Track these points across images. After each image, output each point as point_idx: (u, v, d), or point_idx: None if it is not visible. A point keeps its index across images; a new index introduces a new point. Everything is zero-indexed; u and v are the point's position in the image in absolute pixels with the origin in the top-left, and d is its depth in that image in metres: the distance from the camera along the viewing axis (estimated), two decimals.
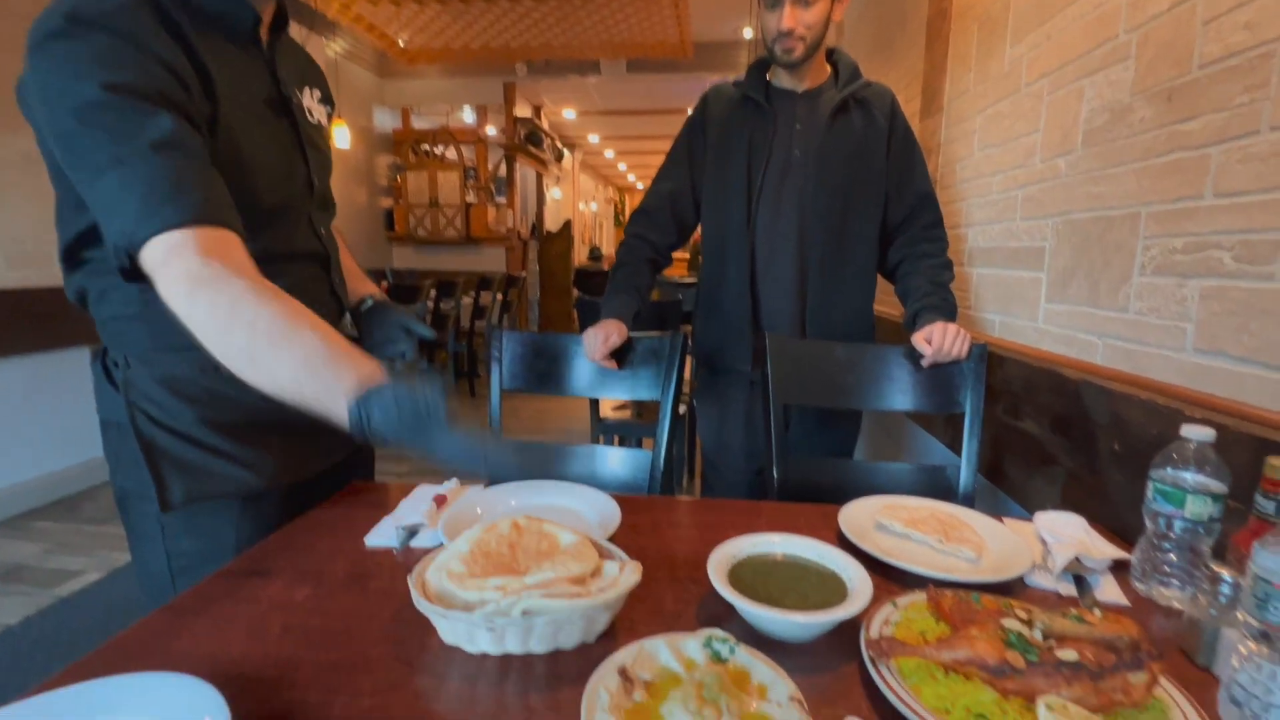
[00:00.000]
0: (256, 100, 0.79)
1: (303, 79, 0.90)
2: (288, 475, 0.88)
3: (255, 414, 0.82)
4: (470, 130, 6.61)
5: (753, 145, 1.28)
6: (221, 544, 0.84)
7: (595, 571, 0.63)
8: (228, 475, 0.82)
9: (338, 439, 0.88)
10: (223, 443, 0.82)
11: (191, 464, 0.81)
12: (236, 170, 0.73)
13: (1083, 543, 0.77)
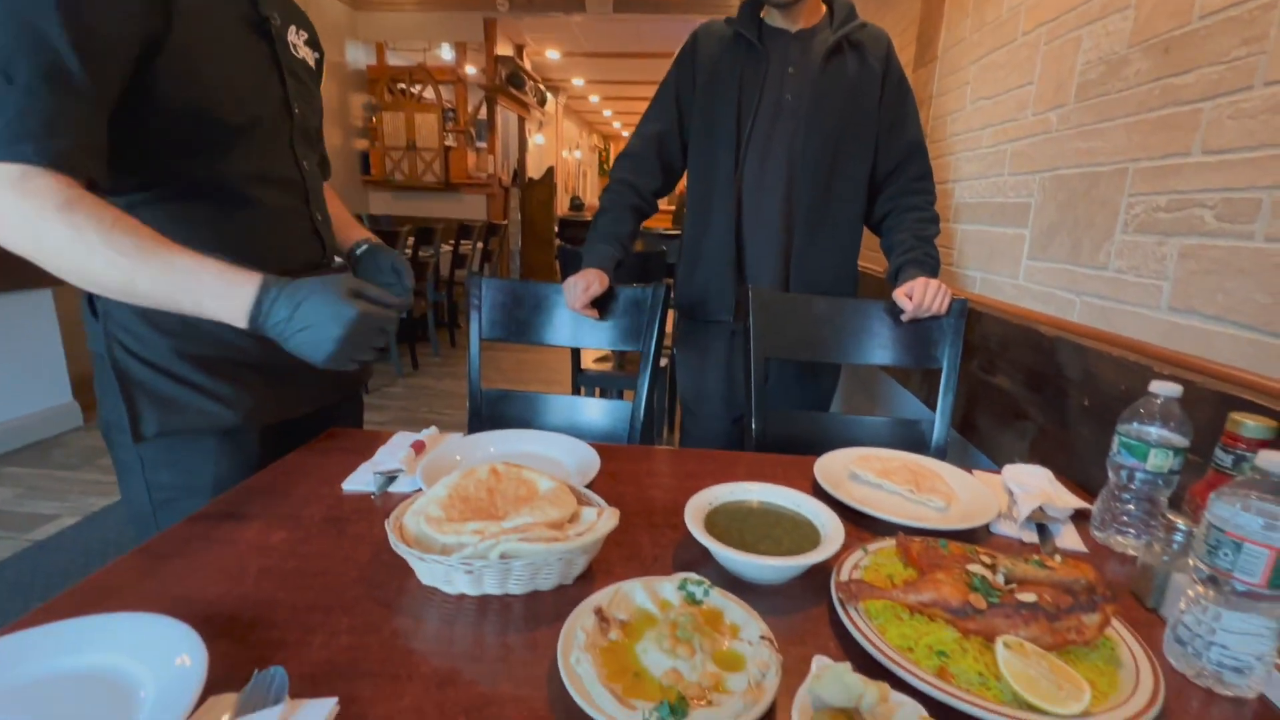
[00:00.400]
0: (230, 18, 0.79)
1: (288, 16, 0.89)
2: (266, 414, 0.87)
3: (232, 350, 0.83)
4: (449, 69, 6.31)
5: (744, 87, 1.24)
6: (199, 479, 0.84)
7: (573, 517, 0.63)
8: (202, 409, 0.82)
9: (321, 384, 0.91)
10: (198, 376, 0.82)
11: (166, 396, 0.81)
12: (197, 84, 0.74)
13: (1047, 493, 0.79)
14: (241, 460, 0.86)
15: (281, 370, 0.85)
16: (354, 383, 1.05)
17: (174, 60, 0.71)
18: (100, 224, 0.64)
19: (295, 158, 0.88)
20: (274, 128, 0.84)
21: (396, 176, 6.12)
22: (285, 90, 0.85)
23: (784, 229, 1.27)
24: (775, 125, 1.25)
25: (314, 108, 0.94)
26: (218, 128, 0.77)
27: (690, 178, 1.34)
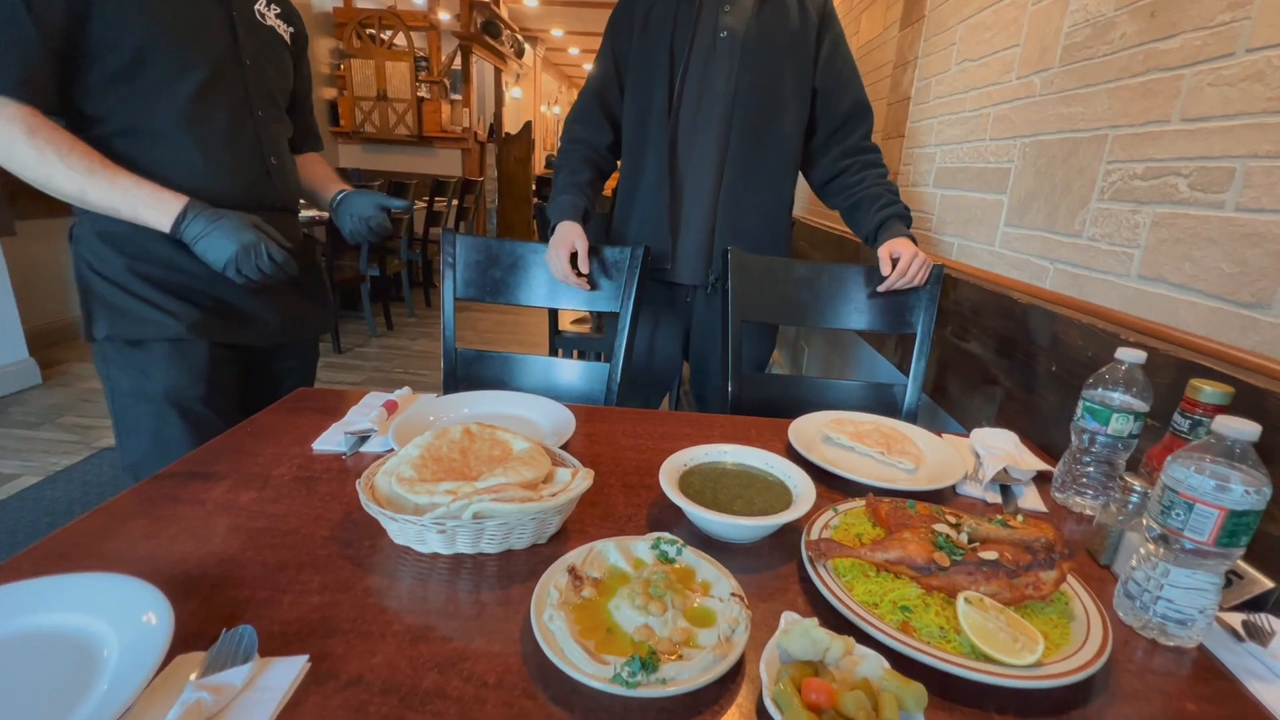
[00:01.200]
0: None
1: None
2: (211, 332, 0.96)
3: (182, 274, 0.93)
4: (421, 14, 6.01)
5: (678, 24, 1.22)
6: (151, 384, 0.94)
7: (548, 478, 0.63)
8: (147, 318, 0.92)
9: (270, 320, 1.01)
10: (147, 290, 0.92)
11: (118, 306, 0.92)
12: (142, 28, 0.85)
13: (1012, 456, 0.82)
14: (190, 369, 0.95)
15: (228, 298, 0.97)
16: (304, 328, 1.12)
17: (122, 7, 0.83)
18: (59, 148, 0.81)
19: (250, 107, 0.97)
20: (220, 75, 0.93)
21: (367, 128, 5.88)
22: (236, 43, 0.94)
23: (717, 172, 1.25)
24: (710, 65, 1.22)
25: (279, 70, 1.03)
26: (160, 67, 0.87)
27: (626, 117, 1.30)
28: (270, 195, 1.01)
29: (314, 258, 1.16)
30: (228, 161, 0.94)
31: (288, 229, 1.05)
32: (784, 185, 1.30)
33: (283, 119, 1.06)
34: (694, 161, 1.25)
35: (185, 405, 0.94)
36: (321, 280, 1.17)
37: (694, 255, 1.30)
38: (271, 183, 1.01)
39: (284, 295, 1.04)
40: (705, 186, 1.26)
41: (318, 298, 1.14)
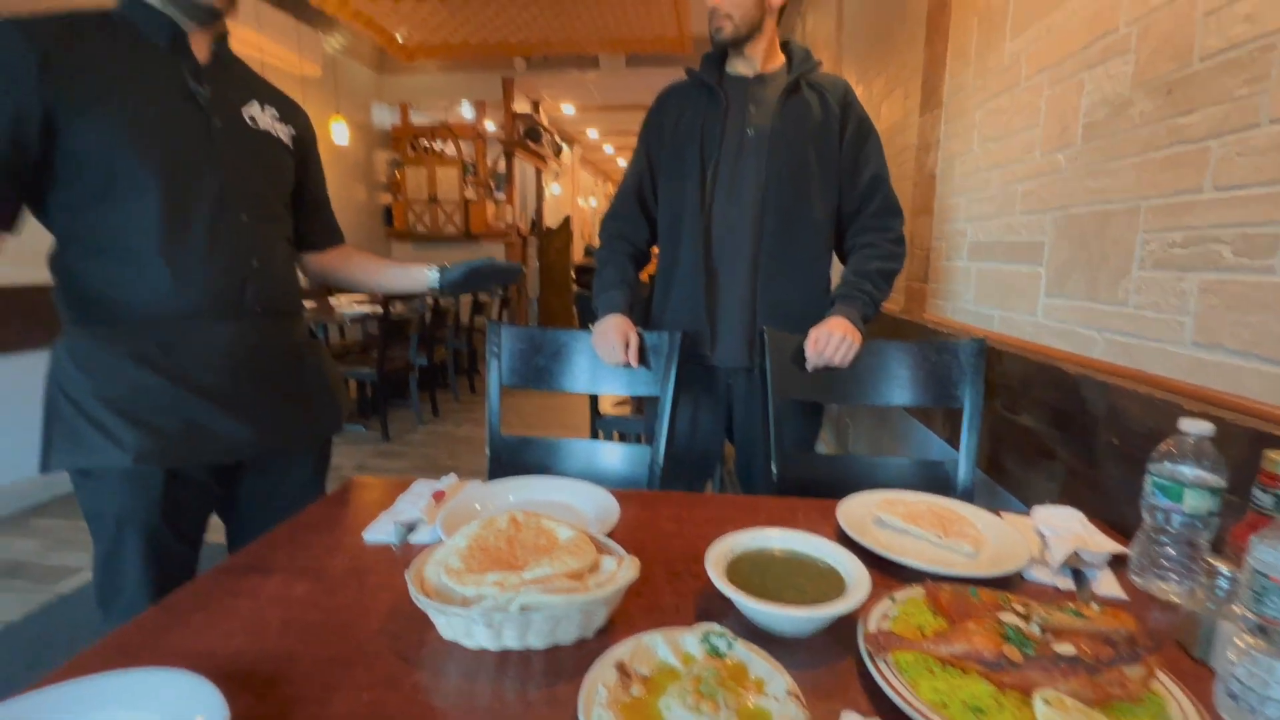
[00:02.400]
0: (163, 87, 0.91)
1: (248, 94, 1.02)
2: (167, 459, 0.92)
3: (147, 393, 0.91)
4: (469, 126, 6.58)
5: (706, 126, 1.30)
6: (103, 511, 0.93)
7: (593, 567, 0.63)
8: (96, 447, 0.89)
9: (225, 442, 0.97)
10: (105, 415, 0.89)
11: (74, 430, 0.90)
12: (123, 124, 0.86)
13: (1080, 537, 0.77)
14: (143, 494, 0.92)
15: (196, 416, 0.93)
16: (291, 437, 1.06)
17: (92, 126, 0.84)
18: None
19: (230, 209, 0.95)
20: (189, 185, 0.91)
21: (418, 229, 6.32)
22: (213, 150, 0.94)
23: (752, 260, 1.30)
24: (739, 160, 1.29)
25: (270, 172, 1.03)
26: (128, 183, 0.87)
27: (661, 214, 1.38)
28: (253, 299, 0.97)
29: (312, 362, 1.10)
30: (201, 273, 0.92)
31: (279, 334, 1.03)
32: (820, 267, 1.33)
33: (277, 218, 1.05)
34: (729, 250, 1.30)
35: (140, 528, 0.92)
36: (321, 384, 1.11)
37: (734, 340, 1.32)
38: (254, 286, 0.97)
39: (262, 407, 0.99)
40: (742, 273, 1.30)
41: (310, 406, 1.08)
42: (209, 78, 0.95)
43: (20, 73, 0.80)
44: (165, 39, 0.91)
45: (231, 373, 0.96)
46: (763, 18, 1.26)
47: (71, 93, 0.83)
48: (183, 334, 0.92)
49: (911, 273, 1.86)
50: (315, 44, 5.12)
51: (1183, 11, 0.83)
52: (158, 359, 0.91)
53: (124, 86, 0.87)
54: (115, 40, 0.88)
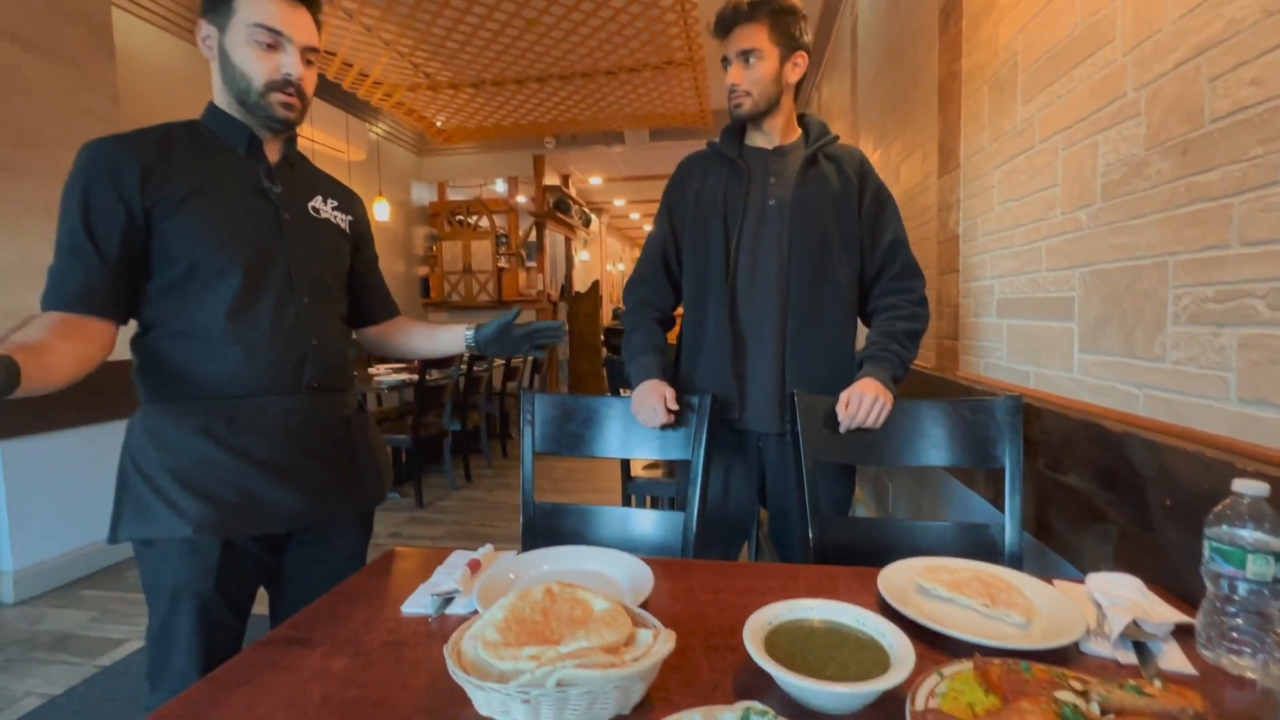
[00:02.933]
0: (240, 186, 1.02)
1: (314, 189, 1.14)
2: (225, 530, 0.98)
3: (212, 466, 0.97)
4: (502, 200, 6.93)
5: (728, 196, 1.35)
6: (161, 582, 0.97)
7: (629, 640, 0.62)
8: (160, 518, 0.95)
9: (279, 512, 1.02)
10: (171, 488, 0.95)
11: (142, 502, 0.96)
12: (207, 221, 0.97)
13: (1140, 606, 0.73)
14: (200, 564, 0.97)
15: (254, 488, 0.99)
16: (337, 507, 1.10)
17: (179, 225, 0.95)
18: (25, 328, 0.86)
19: (292, 294, 1.04)
20: (261, 271, 1.01)
21: (453, 298, 6.56)
22: (282, 239, 1.04)
23: (779, 324, 1.32)
24: (761, 228, 1.33)
25: (330, 257, 1.13)
26: (207, 273, 0.97)
27: (686, 279, 1.42)
28: (310, 376, 1.05)
29: (359, 434, 1.16)
30: (266, 352, 1.00)
31: (331, 408, 1.09)
32: (845, 331, 1.35)
33: (333, 300, 1.13)
34: (755, 315, 1.33)
35: (195, 598, 0.96)
36: (368, 456, 1.16)
37: (763, 403, 1.33)
38: (311, 364, 1.05)
39: (313, 477, 1.05)
40: (768, 338, 1.32)
41: (356, 476, 1.13)
42: (280, 176, 1.07)
43: (127, 183, 0.92)
44: (243, 145, 1.04)
45: (287, 445, 1.02)
46: (780, 94, 1.33)
47: (166, 197, 0.94)
48: (245, 409, 0.99)
49: (941, 330, 1.85)
50: (362, 133, 5.53)
51: (1188, 77, 0.86)
52: (222, 433, 0.98)
53: (209, 188, 0.98)
54: (200, 148, 1.01)
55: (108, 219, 0.92)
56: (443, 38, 3.97)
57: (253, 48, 0.97)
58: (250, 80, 0.98)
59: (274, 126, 1.03)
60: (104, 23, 2.88)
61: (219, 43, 0.99)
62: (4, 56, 2.48)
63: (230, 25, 0.97)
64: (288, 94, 1.00)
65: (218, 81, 1.02)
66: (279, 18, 0.98)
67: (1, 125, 2.47)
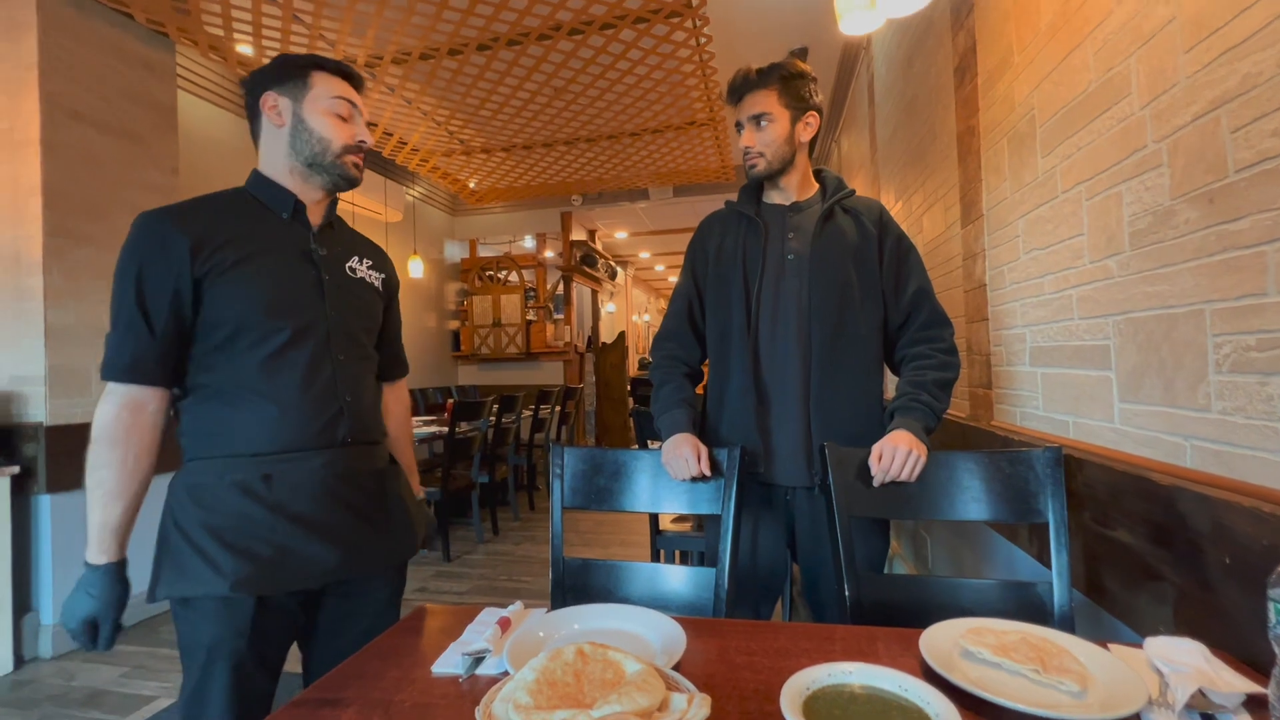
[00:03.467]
0: (287, 251, 1.08)
1: (351, 251, 1.19)
2: (260, 586, 0.98)
3: (250, 522, 0.99)
4: (531, 255, 7.14)
5: (748, 252, 1.38)
6: (198, 637, 0.98)
7: (662, 704, 0.61)
8: (199, 576, 0.97)
9: (314, 567, 1.03)
10: (209, 544, 0.98)
11: (181, 560, 0.98)
12: (255, 286, 1.02)
13: (1205, 674, 0.69)
14: (233, 623, 0.98)
15: (290, 544, 1.01)
16: (369, 562, 1.12)
17: (226, 291, 1.00)
18: (101, 458, 0.96)
19: (329, 351, 1.08)
20: (303, 331, 1.05)
21: (483, 350, 6.69)
22: (323, 300, 1.09)
23: (802, 377, 1.32)
24: (781, 283, 1.35)
25: (364, 315, 1.17)
26: (251, 335, 1.01)
27: (709, 334, 1.44)
28: (344, 432, 1.08)
29: (392, 488, 1.18)
30: (303, 409, 1.03)
31: (364, 461, 1.12)
32: (871, 382, 1.34)
33: (367, 356, 1.17)
34: (777, 368, 1.34)
35: (228, 657, 0.98)
36: (401, 509, 1.18)
37: (790, 456, 1.31)
38: (346, 420, 1.08)
39: (347, 531, 1.07)
40: (792, 390, 1.32)
41: (389, 530, 1.14)
42: (323, 240, 1.13)
43: (177, 257, 0.98)
44: (288, 210, 1.09)
45: (321, 500, 1.04)
46: (794, 153, 1.38)
47: (216, 266, 0.99)
48: (281, 465, 1.01)
49: (974, 378, 1.82)
50: (399, 195, 5.81)
51: (1209, 130, 0.86)
52: (259, 489, 1.00)
53: (257, 254, 1.03)
54: (247, 215, 1.07)
55: (160, 293, 0.97)
56: (476, 107, 4.21)
57: (332, 117, 1.07)
58: (329, 144, 1.07)
59: (342, 185, 1.12)
60: (169, 104, 3.14)
61: (293, 111, 1.07)
62: (79, 136, 2.71)
63: (307, 98, 1.06)
64: (359, 156, 1.11)
65: (278, 148, 1.08)
66: (352, 93, 1.10)
67: (71, 197, 2.68)
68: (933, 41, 2.17)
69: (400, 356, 1.35)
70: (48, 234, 2.58)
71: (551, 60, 3.56)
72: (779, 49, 3.82)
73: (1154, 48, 0.97)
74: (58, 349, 2.61)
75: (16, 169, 2.59)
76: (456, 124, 4.53)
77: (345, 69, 1.11)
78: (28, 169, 2.57)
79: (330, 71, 1.09)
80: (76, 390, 2.68)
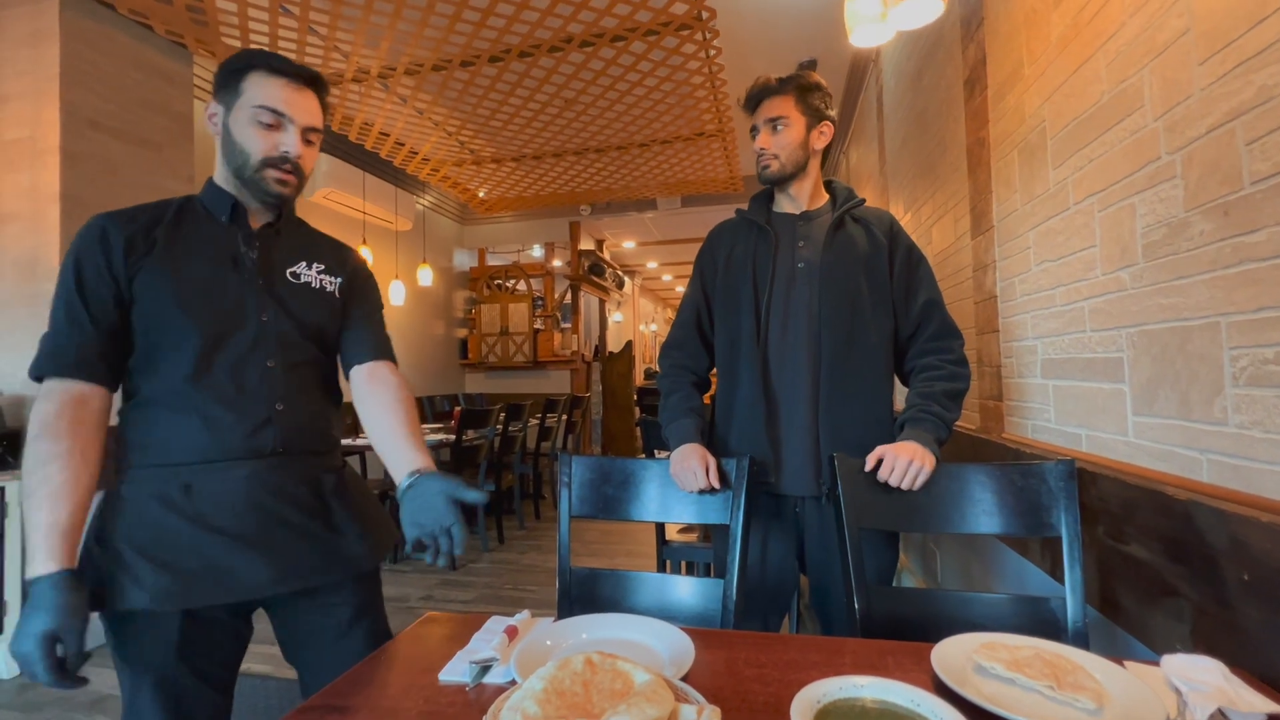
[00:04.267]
0: (215, 254, 1.05)
1: (297, 255, 1.13)
2: (181, 600, 0.94)
3: (170, 533, 0.95)
4: (539, 264, 7.18)
5: (757, 261, 1.38)
6: (126, 655, 0.96)
7: (671, 716, 0.60)
8: (121, 589, 0.92)
9: (242, 580, 0.98)
10: (131, 557, 0.94)
11: (103, 576, 0.93)
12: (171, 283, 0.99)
13: (1224, 692, 0.67)
14: (159, 637, 0.95)
15: (216, 557, 0.96)
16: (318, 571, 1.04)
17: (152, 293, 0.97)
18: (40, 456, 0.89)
19: (256, 357, 1.03)
20: (221, 338, 1.01)
21: (490, 358, 6.72)
22: (250, 304, 1.04)
23: (811, 386, 1.31)
24: (791, 292, 1.35)
25: (308, 319, 1.09)
26: (170, 340, 0.98)
27: (718, 343, 1.44)
28: (273, 442, 1.02)
29: (340, 498, 1.10)
30: (225, 418, 0.98)
31: (298, 472, 1.05)
32: (881, 392, 1.34)
33: (307, 362, 1.09)
34: (787, 378, 1.33)
35: (155, 670, 0.95)
36: (351, 518, 1.10)
37: (799, 466, 1.31)
38: (275, 429, 1.02)
39: (281, 544, 1.00)
40: (802, 400, 1.32)
41: (336, 539, 1.06)
42: (262, 242, 1.08)
43: (114, 257, 0.97)
44: (226, 214, 1.06)
45: (249, 513, 0.99)
46: (807, 159, 1.38)
47: (140, 265, 0.98)
48: (202, 477, 0.97)
49: (984, 391, 1.81)
50: (409, 204, 5.86)
51: (1223, 140, 0.86)
52: (179, 501, 0.96)
53: (180, 255, 1.01)
54: (187, 220, 1.05)
55: (100, 286, 0.96)
56: (487, 117, 4.25)
57: (254, 126, 1.01)
58: (248, 156, 1.02)
59: (267, 200, 1.05)
60: (186, 113, 3.19)
61: (223, 120, 1.03)
62: (98, 145, 2.76)
63: (236, 105, 1.01)
64: (284, 170, 1.03)
65: (219, 156, 1.06)
66: (282, 99, 1.01)
67: (90, 205, 2.72)
68: (943, 54, 2.17)
69: (379, 339, 1.18)
70: (65, 241, 2.62)
71: (562, 72, 3.59)
72: (788, 61, 3.85)
73: (1167, 59, 0.97)
74: None
75: (37, 176, 2.63)
76: (467, 134, 4.57)
77: (284, 67, 1.02)
78: (48, 176, 2.62)
79: (267, 71, 1.01)
80: None
